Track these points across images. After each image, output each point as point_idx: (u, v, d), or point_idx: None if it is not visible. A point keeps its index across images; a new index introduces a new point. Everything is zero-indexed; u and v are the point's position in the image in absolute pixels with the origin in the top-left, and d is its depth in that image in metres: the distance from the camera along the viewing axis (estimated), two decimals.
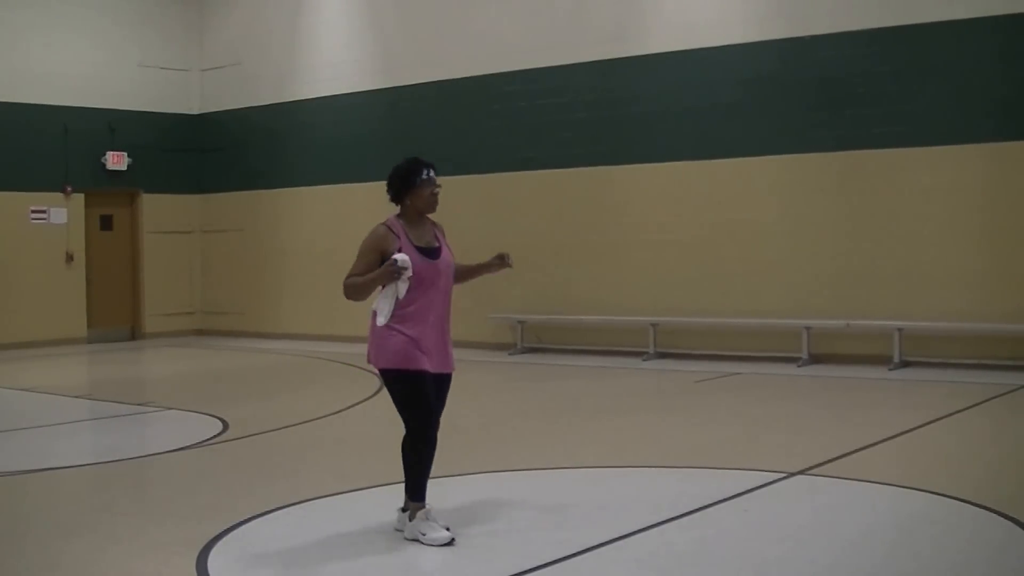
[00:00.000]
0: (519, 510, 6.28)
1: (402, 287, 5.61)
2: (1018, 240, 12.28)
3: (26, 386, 12.74)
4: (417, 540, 5.62)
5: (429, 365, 5.66)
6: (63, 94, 17.84)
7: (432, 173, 5.77)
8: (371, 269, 5.63)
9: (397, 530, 5.77)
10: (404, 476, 5.72)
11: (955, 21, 12.54)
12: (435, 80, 16.49)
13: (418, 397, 5.65)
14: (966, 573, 5.17)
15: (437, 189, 5.79)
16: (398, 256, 5.57)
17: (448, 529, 5.68)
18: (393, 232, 5.69)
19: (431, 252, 5.72)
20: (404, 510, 5.76)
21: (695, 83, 14.24)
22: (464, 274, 6.03)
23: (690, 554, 5.44)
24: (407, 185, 5.74)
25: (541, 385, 12.47)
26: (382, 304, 5.63)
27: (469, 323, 15.34)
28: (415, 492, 5.69)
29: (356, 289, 5.63)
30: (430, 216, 5.88)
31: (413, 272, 5.60)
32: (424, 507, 5.68)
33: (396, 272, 5.55)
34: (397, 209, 5.83)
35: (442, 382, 5.80)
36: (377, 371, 5.78)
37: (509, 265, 5.94)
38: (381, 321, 5.62)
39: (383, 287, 5.65)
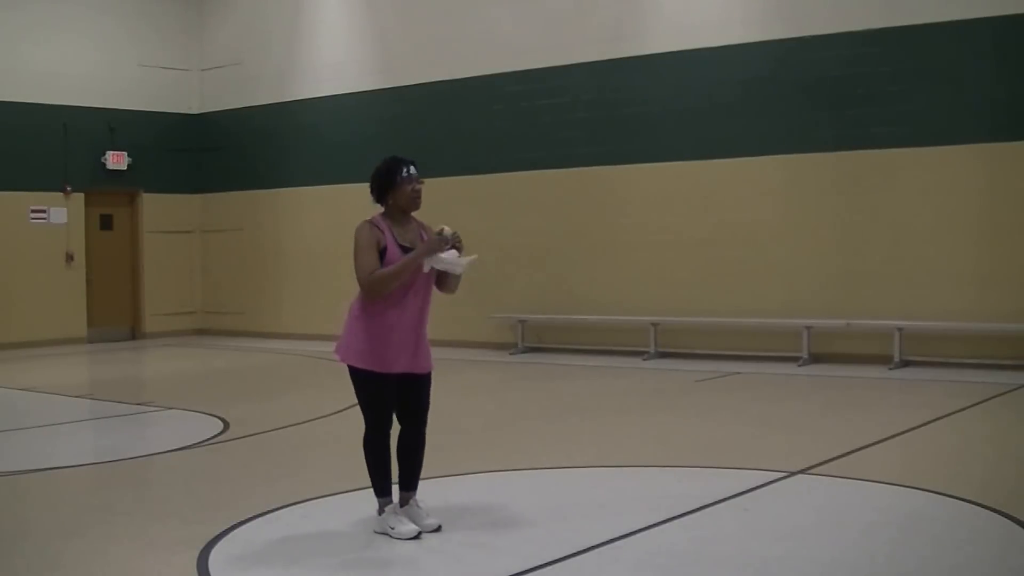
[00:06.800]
0: (519, 510, 6.28)
1: (451, 251, 5.60)
2: (1018, 240, 12.28)
3: (26, 386, 12.73)
4: (386, 534, 5.67)
5: (398, 366, 5.64)
6: (63, 94, 17.85)
7: (413, 170, 5.71)
8: (377, 261, 5.57)
9: (378, 533, 5.77)
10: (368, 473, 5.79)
11: (954, 22, 12.55)
12: (435, 80, 16.50)
13: (378, 399, 5.66)
14: (966, 572, 5.17)
15: (419, 186, 5.73)
16: (445, 227, 5.59)
17: (439, 528, 5.72)
18: (378, 228, 5.65)
19: None
20: (379, 514, 5.81)
21: (695, 83, 14.25)
22: (440, 280, 5.87)
23: (690, 554, 5.44)
24: (388, 184, 5.70)
25: (541, 385, 12.47)
26: (451, 261, 5.58)
27: (469, 323, 15.38)
28: (377, 489, 5.75)
29: (389, 278, 5.52)
30: (417, 218, 5.85)
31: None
32: (391, 502, 5.74)
33: (445, 241, 5.55)
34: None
35: (419, 382, 5.77)
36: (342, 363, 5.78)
37: (455, 242, 5.67)
38: (464, 265, 5.61)
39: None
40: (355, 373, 5.70)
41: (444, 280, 5.82)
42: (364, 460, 5.78)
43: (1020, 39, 12.25)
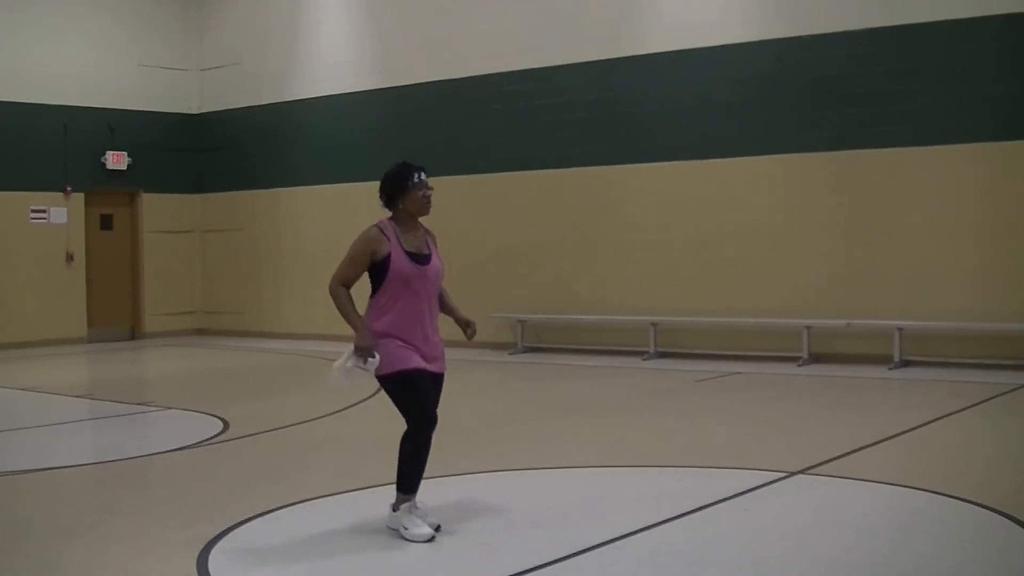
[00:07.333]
0: (519, 510, 6.28)
1: (356, 366, 5.59)
2: (1018, 240, 12.29)
3: (26, 386, 12.74)
4: (398, 532, 5.68)
5: (412, 362, 5.67)
6: (63, 94, 17.85)
7: (423, 176, 5.79)
8: (360, 273, 5.68)
9: (390, 528, 5.77)
10: (397, 469, 5.74)
11: (954, 21, 12.55)
12: (435, 80, 16.50)
13: (416, 395, 5.68)
14: (966, 573, 5.17)
15: (429, 191, 5.81)
16: (377, 356, 5.56)
17: (439, 528, 5.72)
18: (385, 234, 5.70)
19: (421, 258, 5.75)
20: (395, 509, 5.79)
21: (694, 83, 14.24)
22: (442, 306, 6.01)
23: (690, 554, 5.43)
24: (400, 189, 5.76)
25: (541, 385, 12.47)
26: (340, 373, 5.61)
27: None
28: (405, 486, 5.73)
29: (338, 307, 5.69)
30: (423, 224, 5.91)
31: (402, 278, 5.63)
32: (411, 500, 5.72)
33: (365, 353, 5.54)
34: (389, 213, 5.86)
35: (436, 382, 5.83)
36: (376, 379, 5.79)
37: (470, 334, 6.00)
38: (339, 380, 5.65)
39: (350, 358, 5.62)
40: (384, 381, 5.71)
41: (442, 302, 5.98)
42: (399, 454, 5.72)
43: (1020, 39, 12.25)
